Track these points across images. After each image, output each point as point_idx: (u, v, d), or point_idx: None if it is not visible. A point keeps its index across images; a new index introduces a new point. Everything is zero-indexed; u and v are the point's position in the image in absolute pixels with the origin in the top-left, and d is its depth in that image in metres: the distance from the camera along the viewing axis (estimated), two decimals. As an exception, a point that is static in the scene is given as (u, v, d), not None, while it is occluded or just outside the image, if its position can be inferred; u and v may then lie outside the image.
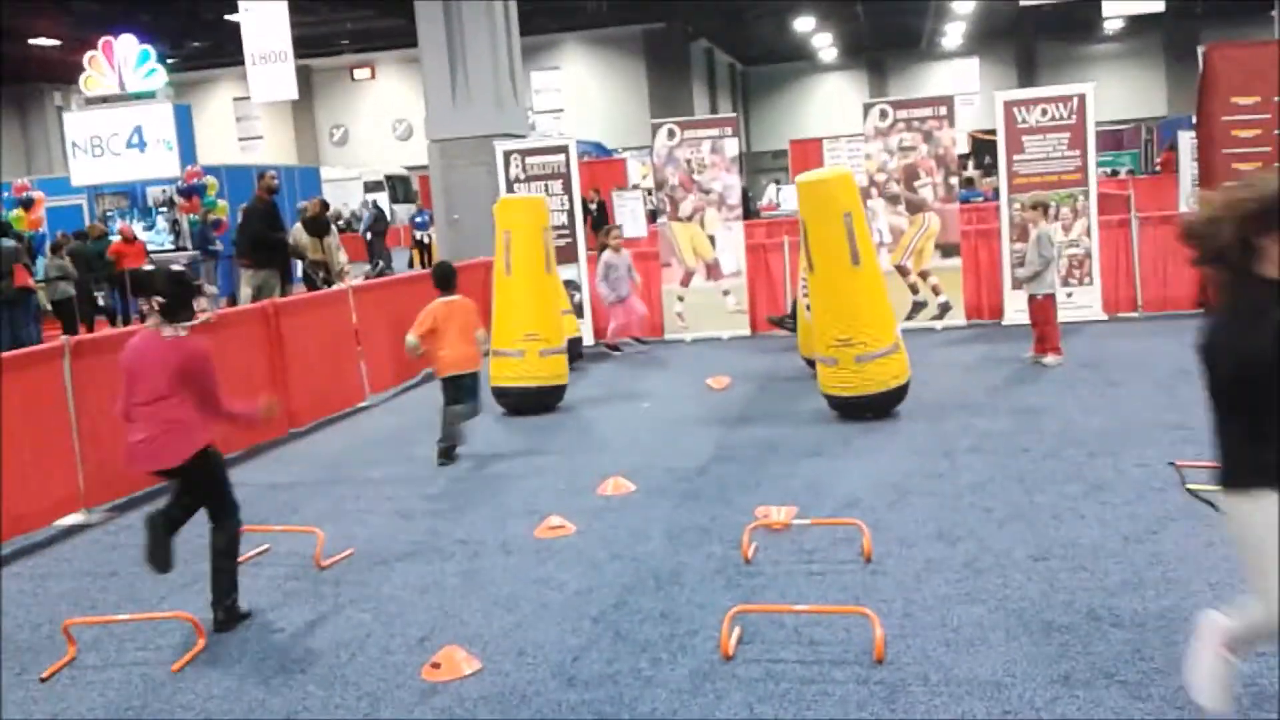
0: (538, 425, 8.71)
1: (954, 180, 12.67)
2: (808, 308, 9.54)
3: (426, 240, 23.37)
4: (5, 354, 6.67)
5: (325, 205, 14.92)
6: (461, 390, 7.66)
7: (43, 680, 4.47)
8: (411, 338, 7.61)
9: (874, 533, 5.30)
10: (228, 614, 4.82)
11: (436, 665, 4.28)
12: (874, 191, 12.28)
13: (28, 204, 17.82)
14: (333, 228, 15.05)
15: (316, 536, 5.74)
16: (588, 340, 12.14)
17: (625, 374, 10.78)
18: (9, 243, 13.59)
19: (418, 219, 25.21)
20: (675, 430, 8.19)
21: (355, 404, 9.95)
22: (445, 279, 7.82)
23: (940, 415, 7.85)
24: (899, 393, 7.88)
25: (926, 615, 4.45)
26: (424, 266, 21.95)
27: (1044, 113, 11.72)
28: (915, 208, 12.19)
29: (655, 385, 10.02)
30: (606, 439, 8.11)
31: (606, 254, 11.69)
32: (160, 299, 4.77)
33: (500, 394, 9.15)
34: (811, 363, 9.29)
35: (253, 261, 13.60)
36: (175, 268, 5.15)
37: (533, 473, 7.24)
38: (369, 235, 23.79)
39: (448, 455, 7.63)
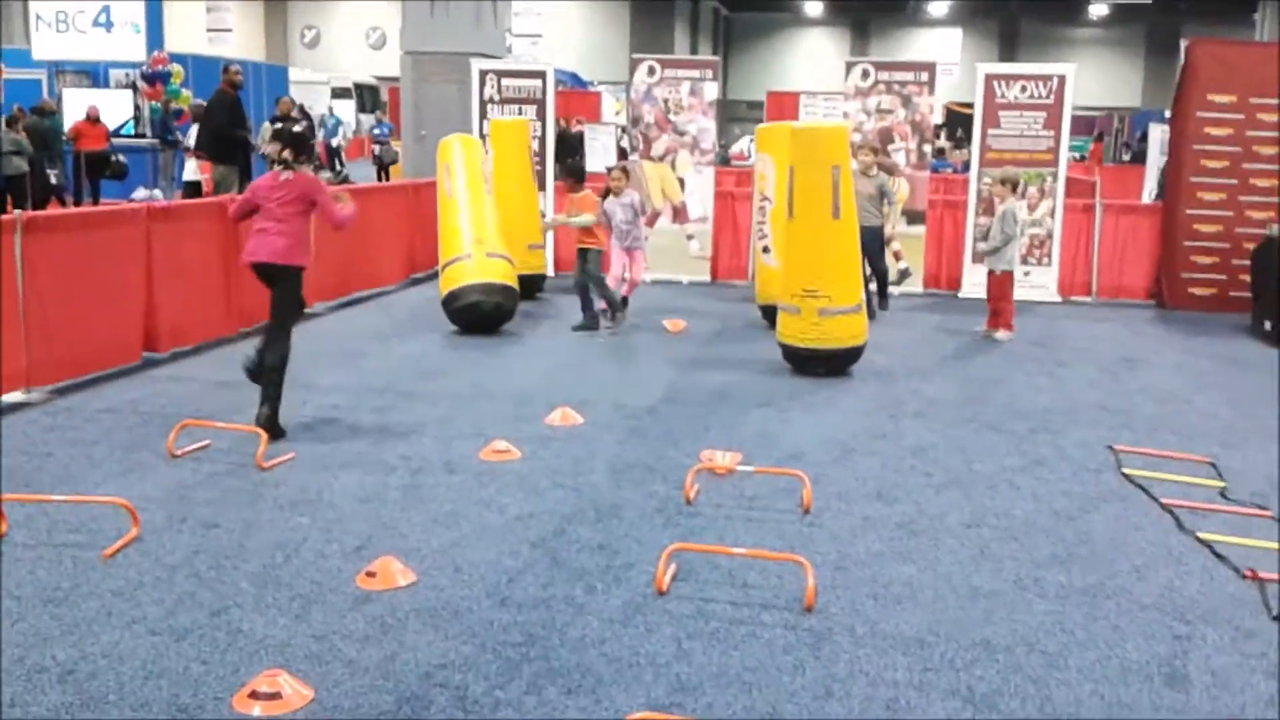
0: (489, 348, 8.68)
1: (927, 148, 12.70)
2: (765, 250, 9.61)
3: (379, 152, 22.76)
4: (-48, 222, 6.50)
5: (300, 108, 14.64)
6: (587, 260, 9.53)
7: (-30, 554, 4.42)
8: (561, 217, 9.96)
9: (815, 486, 5.37)
10: (272, 411, 6.07)
11: (371, 574, 4.29)
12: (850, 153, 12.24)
13: (-16, 73, 17.24)
14: (307, 131, 14.81)
15: (260, 436, 5.70)
16: (550, 272, 12.07)
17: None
18: (-39, 110, 13.18)
19: (377, 130, 24.40)
20: (628, 368, 8.20)
21: (306, 310, 9.82)
22: (578, 176, 10.00)
23: (890, 379, 7.93)
24: (855, 353, 7.95)
25: (858, 570, 4.53)
26: (383, 180, 21.48)
27: (1023, 89, 11.74)
28: (886, 171, 12.19)
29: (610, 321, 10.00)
30: (558, 369, 8.10)
31: (607, 200, 9.64)
32: (289, 149, 6.55)
33: (450, 300, 9.07)
34: (767, 311, 9.36)
35: (212, 155, 13.31)
36: (297, 128, 7.10)
37: (482, 396, 7.23)
38: (332, 142, 23.37)
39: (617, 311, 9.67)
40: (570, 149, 18.60)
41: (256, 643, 3.75)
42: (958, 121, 29.15)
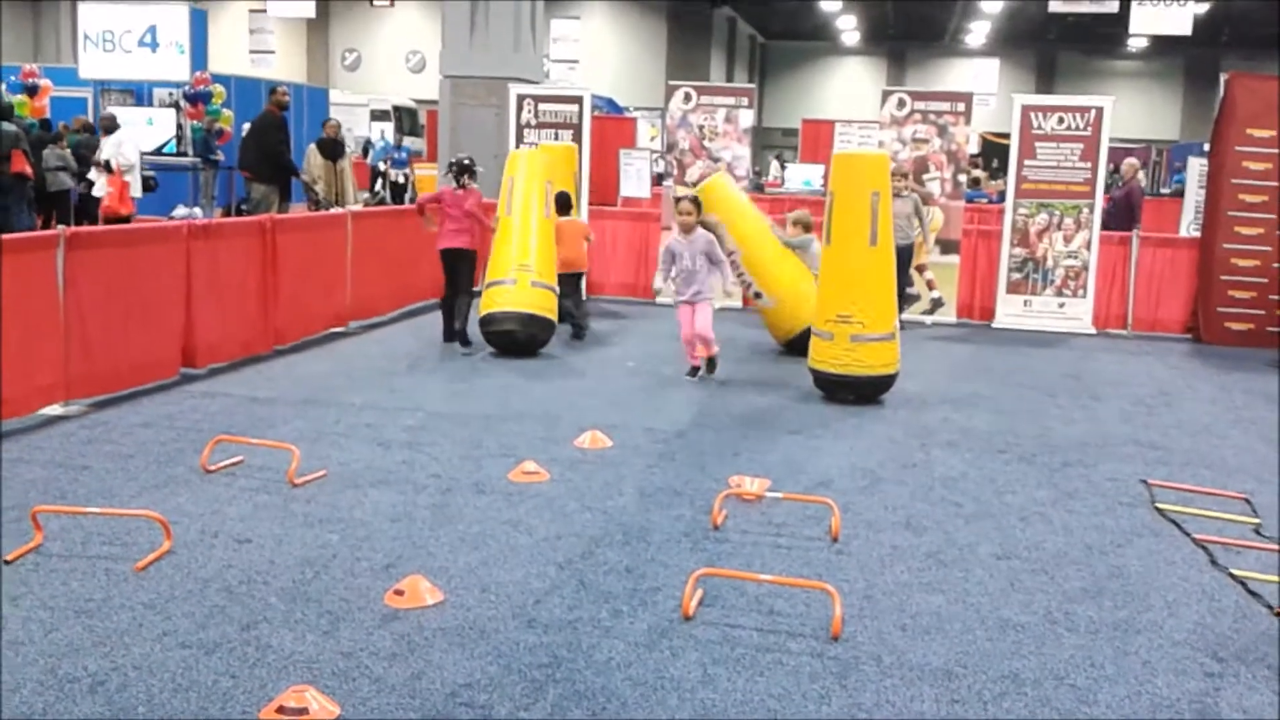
0: (522, 370, 8.72)
1: (963, 177, 12.68)
2: (757, 295, 9.66)
3: (401, 179, 21.67)
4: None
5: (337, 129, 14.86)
6: (568, 285, 10.05)
7: (7, 562, 4.49)
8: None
9: (843, 514, 5.35)
10: (464, 332, 9.35)
11: (400, 592, 4.31)
12: (882, 179, 12.25)
13: (33, 90, 17.60)
14: (346, 152, 15.01)
15: (292, 454, 5.75)
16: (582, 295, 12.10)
17: (612, 332, 10.79)
18: (9, 127, 13.43)
19: (395, 154, 22.68)
20: (657, 392, 8.22)
21: (338, 328, 9.95)
22: (564, 204, 10.31)
23: (922, 408, 7.90)
24: (886, 381, 7.92)
25: (886, 599, 4.51)
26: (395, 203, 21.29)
27: (1060, 120, 11.71)
28: (921, 200, 12.18)
29: (641, 346, 10.04)
30: (588, 393, 8.13)
31: (672, 239, 8.64)
32: (464, 171, 9.36)
33: (488, 322, 9.14)
34: (788, 346, 9.46)
35: (256, 174, 13.51)
36: (463, 157, 9.58)
37: (512, 417, 7.26)
38: (379, 164, 23.51)
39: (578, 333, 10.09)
40: None
41: (285, 658, 3.78)
42: (993, 152, 29.10)
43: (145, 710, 3.42)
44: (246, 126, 16.35)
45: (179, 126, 18.78)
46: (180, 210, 16.69)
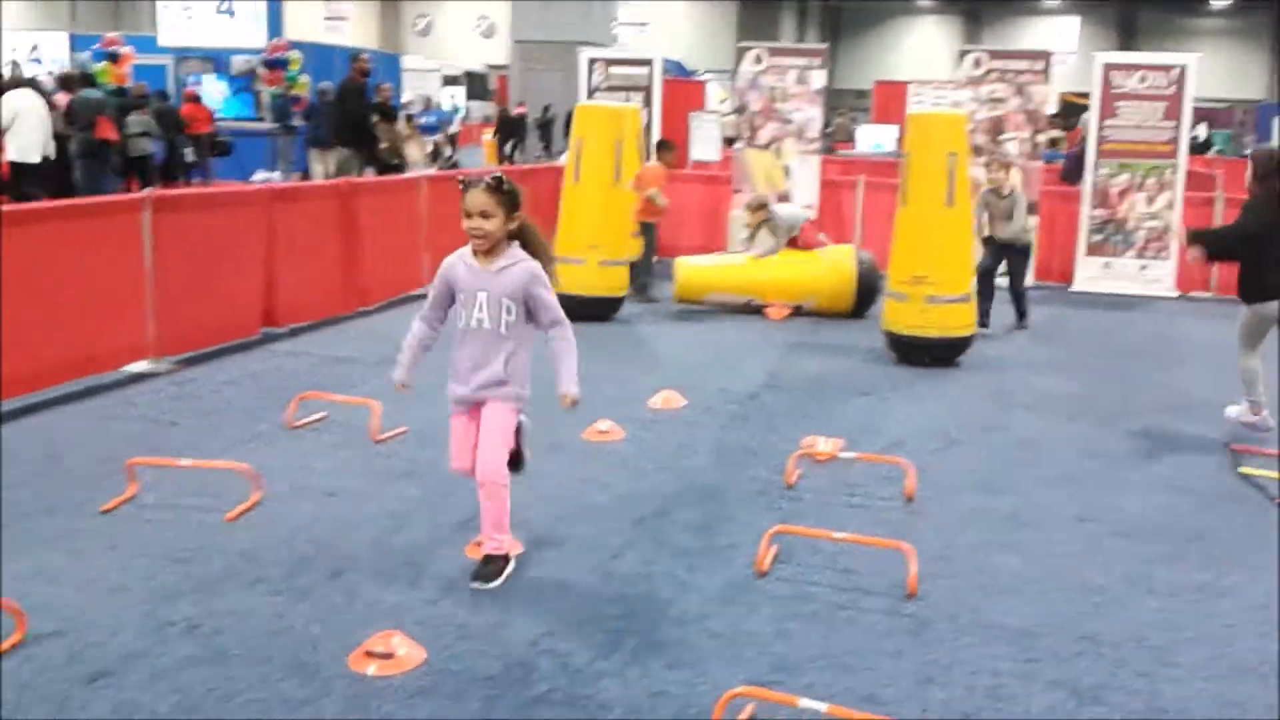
0: (592, 332, 8.76)
1: (1041, 138, 12.42)
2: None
3: (431, 146, 20.78)
4: (89, 200, 6.82)
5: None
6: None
7: (103, 512, 4.66)
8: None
9: (918, 475, 5.33)
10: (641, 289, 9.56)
11: (480, 544, 4.40)
12: (957, 140, 12.06)
13: (114, 57, 17.95)
14: (400, 116, 15.19)
15: (373, 410, 5.88)
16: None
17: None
18: (95, 93, 13.76)
19: (422, 119, 21.92)
20: (729, 354, 8.23)
21: (416, 290, 10.08)
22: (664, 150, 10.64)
23: (999, 370, 7.81)
24: (963, 343, 7.84)
25: (962, 560, 4.50)
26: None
27: (1142, 79, 11.41)
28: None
29: (713, 308, 10.03)
30: (660, 355, 8.17)
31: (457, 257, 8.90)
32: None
33: (560, 299, 9.20)
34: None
35: (341, 139, 13.76)
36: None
37: (585, 378, 7.23)
38: (449, 129, 23.71)
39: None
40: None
41: (371, 605, 3.89)
42: (1072, 112, 28.39)
43: (240, 653, 3.55)
44: (317, 93, 16.57)
45: (256, 93, 19.07)
46: (259, 175, 17.00)
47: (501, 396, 4.26)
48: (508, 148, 23.54)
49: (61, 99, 13.69)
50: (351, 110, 13.71)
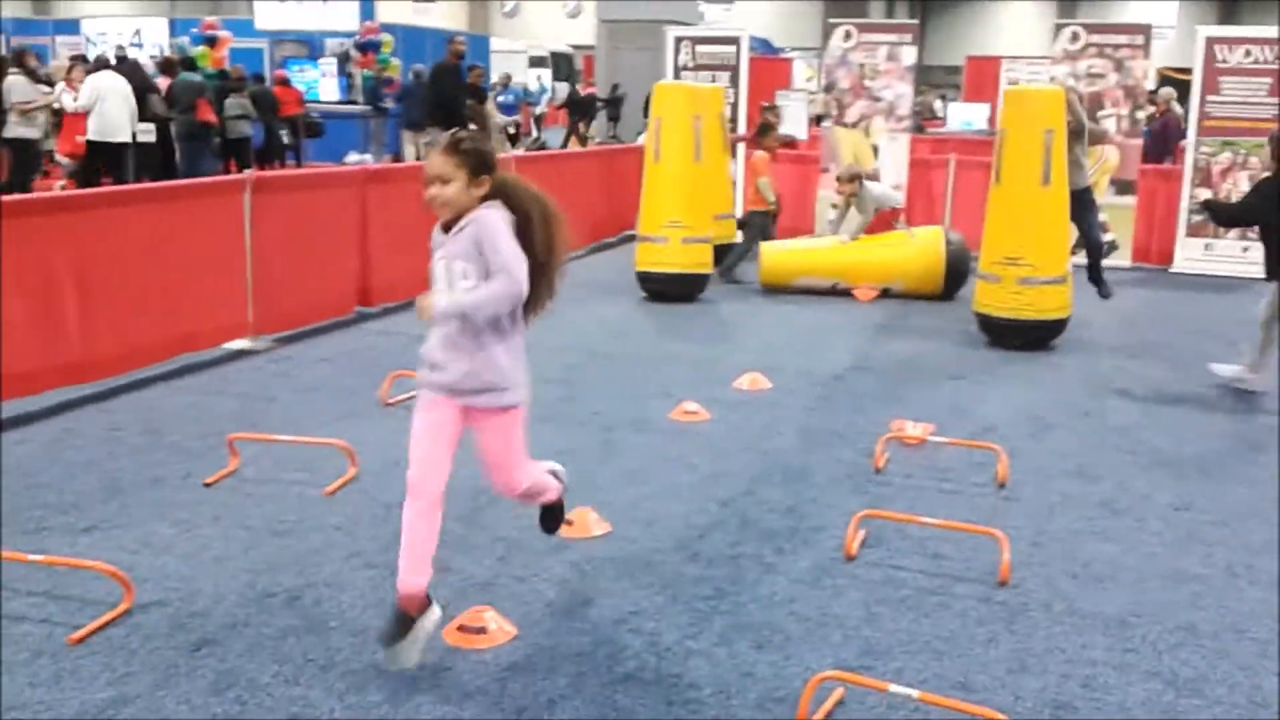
0: (678, 313, 8.79)
1: (1140, 114, 12.07)
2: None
3: (513, 129, 21.06)
4: (193, 182, 7.01)
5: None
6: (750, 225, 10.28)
7: (206, 485, 4.82)
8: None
9: (1011, 460, 5.25)
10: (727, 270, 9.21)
11: (569, 522, 4.44)
12: (1053, 118, 11.78)
13: (212, 41, 18.41)
14: (488, 96, 15.36)
15: (463, 389, 5.95)
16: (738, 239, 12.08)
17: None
18: (194, 77, 14.13)
19: (499, 98, 21.54)
20: (816, 336, 8.17)
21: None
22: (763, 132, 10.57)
23: (1094, 354, 7.63)
24: (1056, 326, 7.68)
25: (1056, 546, 4.42)
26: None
27: (1247, 54, 11.01)
28: (1095, 139, 11.65)
29: (799, 289, 9.96)
30: (745, 336, 8.15)
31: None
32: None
33: (643, 279, 9.27)
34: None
35: (433, 120, 13.97)
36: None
37: (670, 359, 7.35)
38: (535, 110, 23.87)
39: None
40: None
41: (464, 580, 3.97)
42: (1172, 87, 27.49)
43: (337, 624, 3.65)
44: (409, 76, 16.80)
45: (349, 75, 19.39)
46: (352, 157, 17.31)
47: (494, 407, 3.44)
48: (580, 128, 23.61)
49: (162, 83, 14.10)
50: (445, 92, 13.90)
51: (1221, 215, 7.25)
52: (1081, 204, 8.31)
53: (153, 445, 5.32)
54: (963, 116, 21.60)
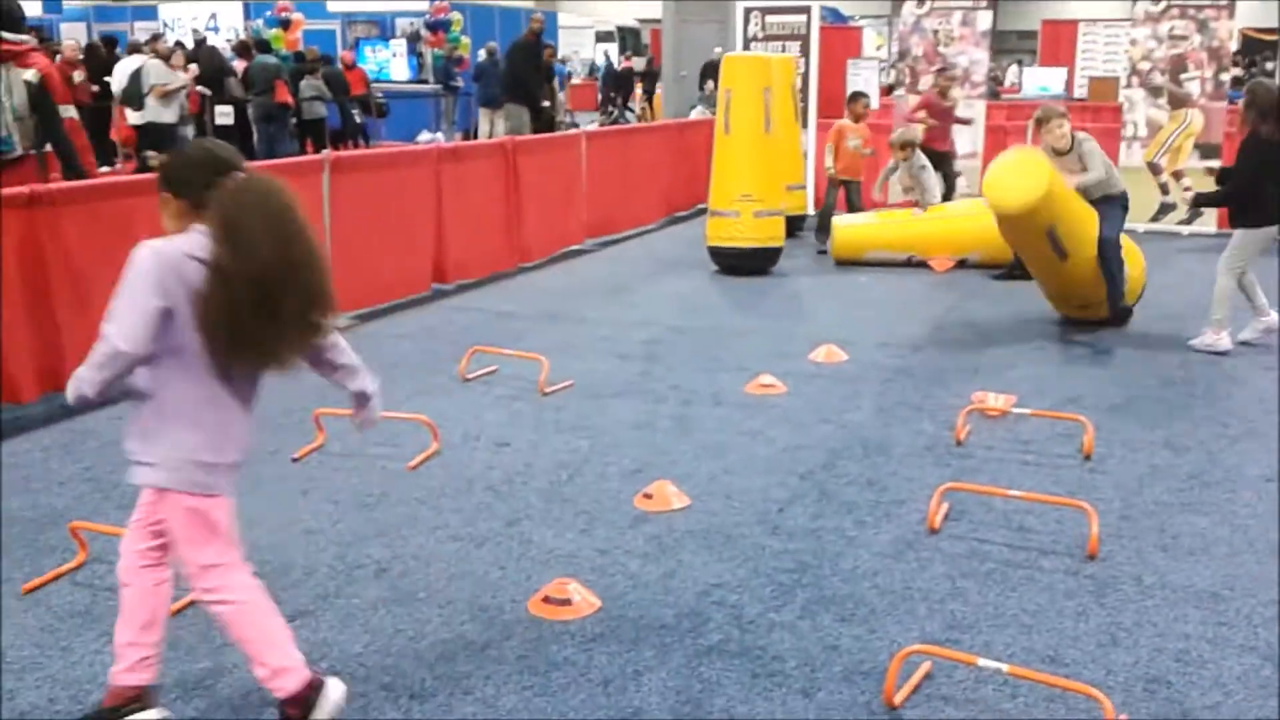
0: (751, 287, 8.75)
1: (1225, 77, 11.69)
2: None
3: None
4: (275, 163, 7.14)
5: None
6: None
7: (294, 460, 4.93)
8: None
9: (1095, 432, 5.15)
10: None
11: (648, 495, 4.48)
12: (1134, 81, 11.50)
13: (286, 24, 18.66)
14: (555, 76, 15.44)
15: (541, 364, 6.02)
16: (810, 210, 11.99)
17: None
18: (270, 59, 14.34)
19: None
20: (891, 307, 8.08)
21: (574, 244, 10.25)
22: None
23: (1179, 324, 7.44)
24: (1140, 295, 7.49)
25: (1145, 519, 4.34)
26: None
27: (1343, 9, 10.59)
28: (1178, 102, 11.35)
29: (874, 259, 9.85)
30: (819, 308, 8.09)
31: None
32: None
33: (716, 253, 9.24)
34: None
35: (511, 97, 14.06)
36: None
37: (745, 332, 7.33)
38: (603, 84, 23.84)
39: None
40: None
41: (547, 552, 4.02)
42: (1255, 48, 26.62)
43: (425, 595, 3.72)
44: (482, 54, 16.86)
45: (419, 54, 19.53)
46: (424, 135, 17.46)
47: (133, 483, 2.88)
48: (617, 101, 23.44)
49: (238, 66, 14.33)
50: (520, 68, 14.00)
51: (1218, 197, 7.19)
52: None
53: (241, 421, 5.44)
54: (1039, 81, 21.11)
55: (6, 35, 6.56)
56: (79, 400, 2.68)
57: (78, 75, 11.59)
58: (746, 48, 12.54)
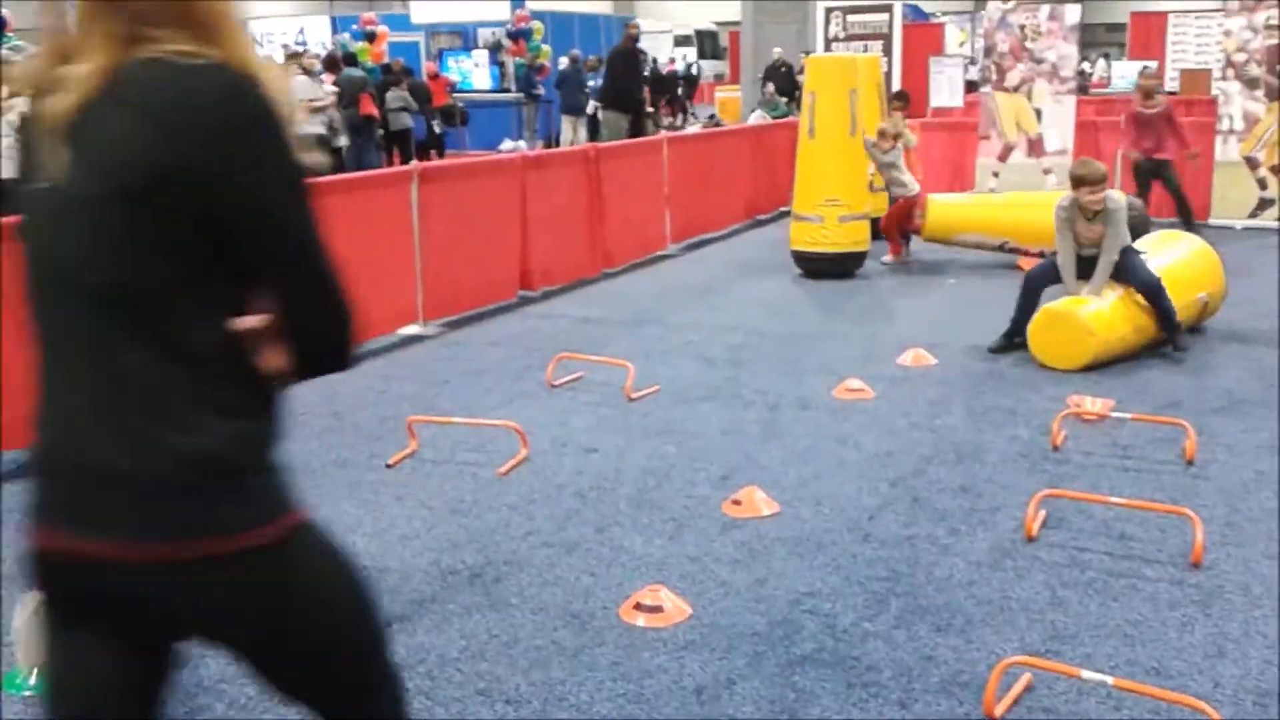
0: (836, 290, 8.68)
1: (1330, 66, 11.27)
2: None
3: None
4: (365, 174, 7.28)
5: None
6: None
7: (389, 466, 5.01)
8: None
9: (1198, 436, 5.01)
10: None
11: (737, 502, 4.47)
12: (1229, 74, 11.15)
13: (371, 37, 19.02)
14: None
15: (627, 370, 6.04)
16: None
17: (928, 248, 10.48)
18: (357, 72, 14.63)
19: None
20: (979, 309, 7.93)
21: (658, 251, 10.26)
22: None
23: (1277, 323, 7.21)
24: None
25: (1252, 526, 4.21)
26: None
27: None
28: (1276, 94, 10.98)
29: (960, 261, 9.71)
30: (906, 311, 7.99)
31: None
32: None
33: (799, 258, 9.17)
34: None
35: (609, 103, 14.19)
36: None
37: (830, 335, 7.27)
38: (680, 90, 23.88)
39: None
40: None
41: (636, 559, 4.03)
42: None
43: (517, 601, 3.75)
44: (564, 61, 16.99)
45: (501, 64, 19.76)
46: (506, 144, 17.66)
47: None
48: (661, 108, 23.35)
49: (327, 79, 14.64)
50: (615, 74, 14.13)
51: None
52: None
53: (337, 428, 5.56)
54: (1129, 75, 20.59)
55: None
56: None
57: None
58: (828, 48, 12.47)
